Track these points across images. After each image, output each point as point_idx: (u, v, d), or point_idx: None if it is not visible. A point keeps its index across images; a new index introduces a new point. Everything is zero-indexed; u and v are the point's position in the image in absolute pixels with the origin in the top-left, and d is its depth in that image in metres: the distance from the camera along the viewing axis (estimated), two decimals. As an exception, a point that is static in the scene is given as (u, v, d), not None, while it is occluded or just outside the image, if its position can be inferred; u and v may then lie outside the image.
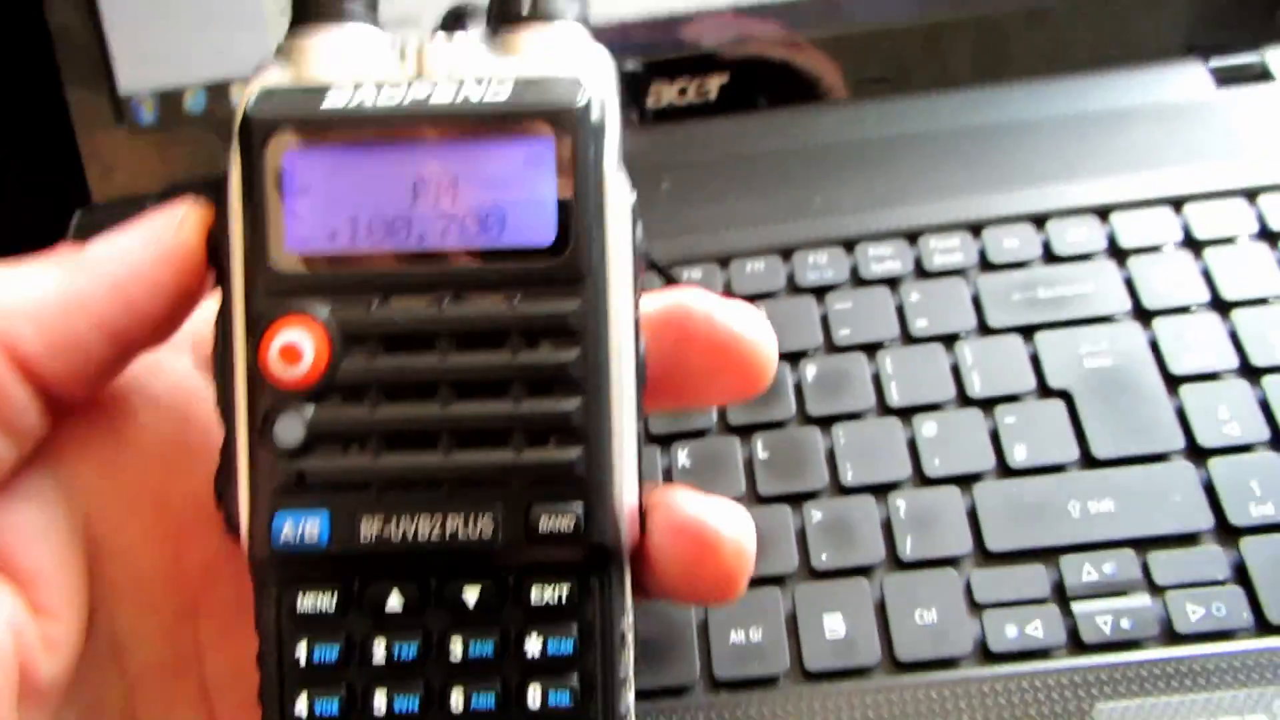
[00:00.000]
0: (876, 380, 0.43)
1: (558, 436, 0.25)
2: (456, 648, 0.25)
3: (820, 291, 0.45)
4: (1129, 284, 0.43)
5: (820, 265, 0.46)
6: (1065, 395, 0.41)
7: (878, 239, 0.46)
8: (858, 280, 0.46)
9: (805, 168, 0.50)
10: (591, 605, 0.25)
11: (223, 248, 0.25)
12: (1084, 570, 0.38)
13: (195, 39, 0.53)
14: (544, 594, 0.25)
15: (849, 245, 0.47)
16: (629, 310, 0.25)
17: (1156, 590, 0.37)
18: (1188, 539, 0.38)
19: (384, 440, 0.25)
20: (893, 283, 0.45)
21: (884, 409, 0.42)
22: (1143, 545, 0.38)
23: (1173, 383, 0.41)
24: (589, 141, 0.25)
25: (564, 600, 0.25)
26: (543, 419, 0.25)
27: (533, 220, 0.25)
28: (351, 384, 0.25)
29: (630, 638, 0.26)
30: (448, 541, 0.25)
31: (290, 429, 0.24)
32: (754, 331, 0.28)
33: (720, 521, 0.27)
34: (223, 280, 0.25)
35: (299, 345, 0.24)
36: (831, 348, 0.44)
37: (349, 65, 0.25)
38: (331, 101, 0.25)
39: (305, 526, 0.25)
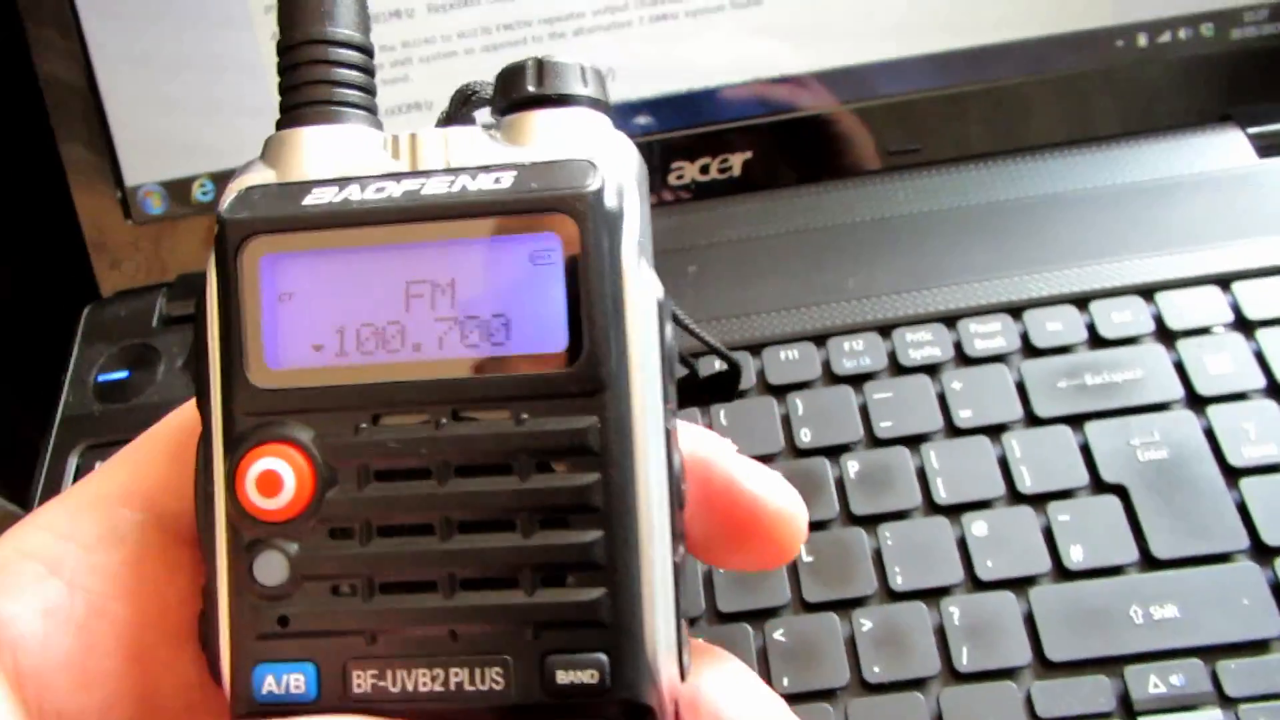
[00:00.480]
0: (922, 475, 0.41)
1: (577, 574, 0.22)
2: None
3: (858, 380, 0.44)
4: (1179, 368, 0.42)
5: (857, 352, 0.45)
6: (1120, 490, 0.40)
7: (915, 323, 0.45)
8: (897, 368, 0.44)
9: (836, 247, 0.49)
10: None
11: (202, 363, 0.23)
12: (1150, 682, 0.36)
13: (202, 129, 0.51)
14: None
15: (885, 330, 0.45)
16: (658, 423, 0.22)
17: (1228, 702, 0.35)
18: (1258, 646, 0.36)
19: (376, 581, 0.22)
20: (933, 370, 0.44)
21: (931, 507, 0.40)
22: (1211, 653, 0.36)
23: (1232, 475, 0.39)
24: (603, 231, 0.22)
25: None
26: (559, 553, 0.21)
27: (541, 324, 0.22)
28: (339, 518, 0.22)
29: None
30: (453, 694, 0.22)
31: (271, 568, 0.22)
32: (781, 500, 0.24)
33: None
34: (202, 400, 0.23)
35: (279, 474, 0.22)
36: (873, 441, 0.42)
37: (337, 162, 0.23)
38: (315, 198, 0.22)
39: (290, 680, 0.22)
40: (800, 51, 0.50)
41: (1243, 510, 0.39)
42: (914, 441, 0.42)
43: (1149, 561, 0.38)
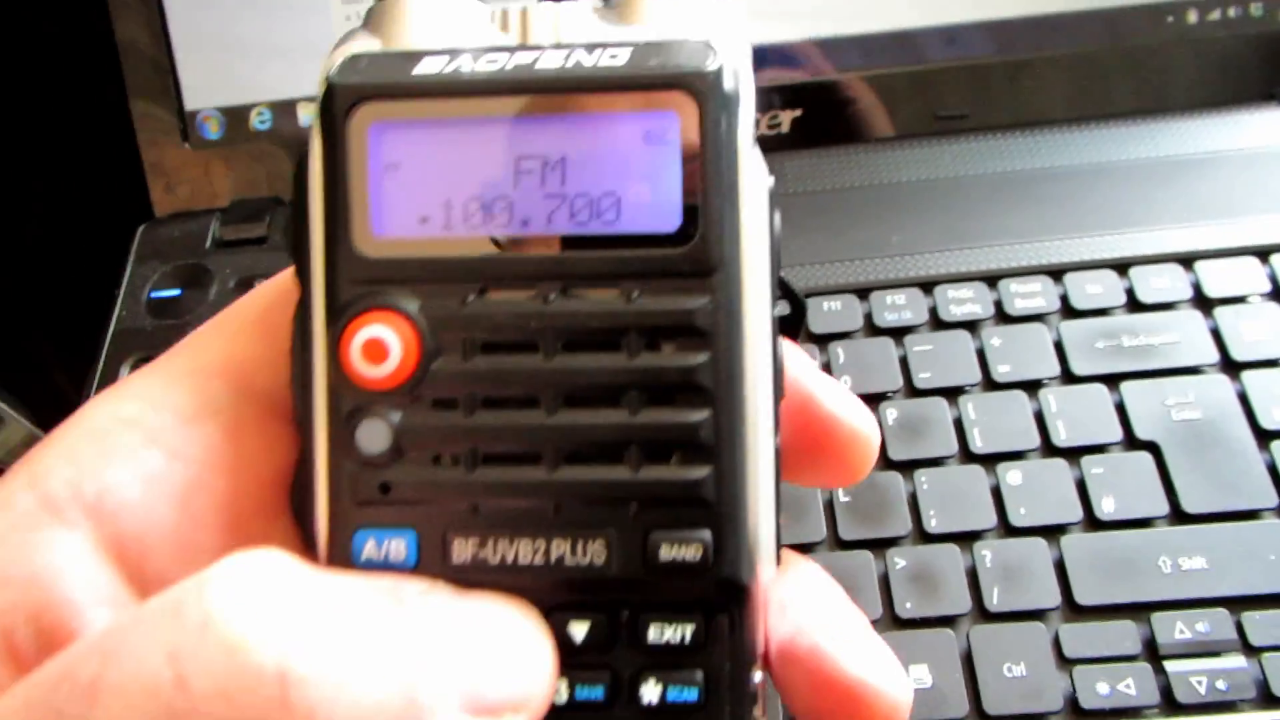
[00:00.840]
0: (959, 425, 0.42)
1: (682, 452, 0.21)
2: (561, 691, 0.22)
3: (899, 333, 0.45)
4: (1215, 334, 0.43)
5: (899, 305, 0.46)
6: (1153, 447, 0.41)
7: (957, 281, 0.46)
8: (937, 323, 0.45)
9: (881, 205, 0.50)
10: (720, 650, 0.22)
11: (302, 232, 0.23)
12: (1176, 628, 0.37)
13: (263, 57, 0.52)
14: (664, 634, 0.22)
15: (927, 287, 0.46)
16: (766, 308, 0.22)
17: (1252, 651, 0.36)
18: (1283, 599, 0.37)
19: (480, 452, 0.22)
20: (972, 326, 0.45)
21: (967, 455, 0.41)
22: (1236, 604, 0.37)
23: (1263, 437, 0.40)
24: (721, 112, 0.21)
25: (687, 642, 0.22)
26: (665, 431, 0.21)
27: (654, 203, 0.22)
28: (443, 388, 0.22)
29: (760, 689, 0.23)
30: (552, 568, 0.22)
31: (374, 435, 0.22)
32: (857, 420, 0.25)
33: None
34: (302, 270, 0.23)
35: (385, 341, 0.22)
36: (912, 391, 0.43)
37: (444, 32, 0.23)
38: (425, 68, 0.22)
39: (390, 546, 0.22)
40: (856, 14, 0.51)
41: (1272, 471, 0.40)
42: (952, 393, 0.43)
43: (1179, 515, 0.39)
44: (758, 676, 0.23)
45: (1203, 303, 0.44)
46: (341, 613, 0.20)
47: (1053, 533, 0.39)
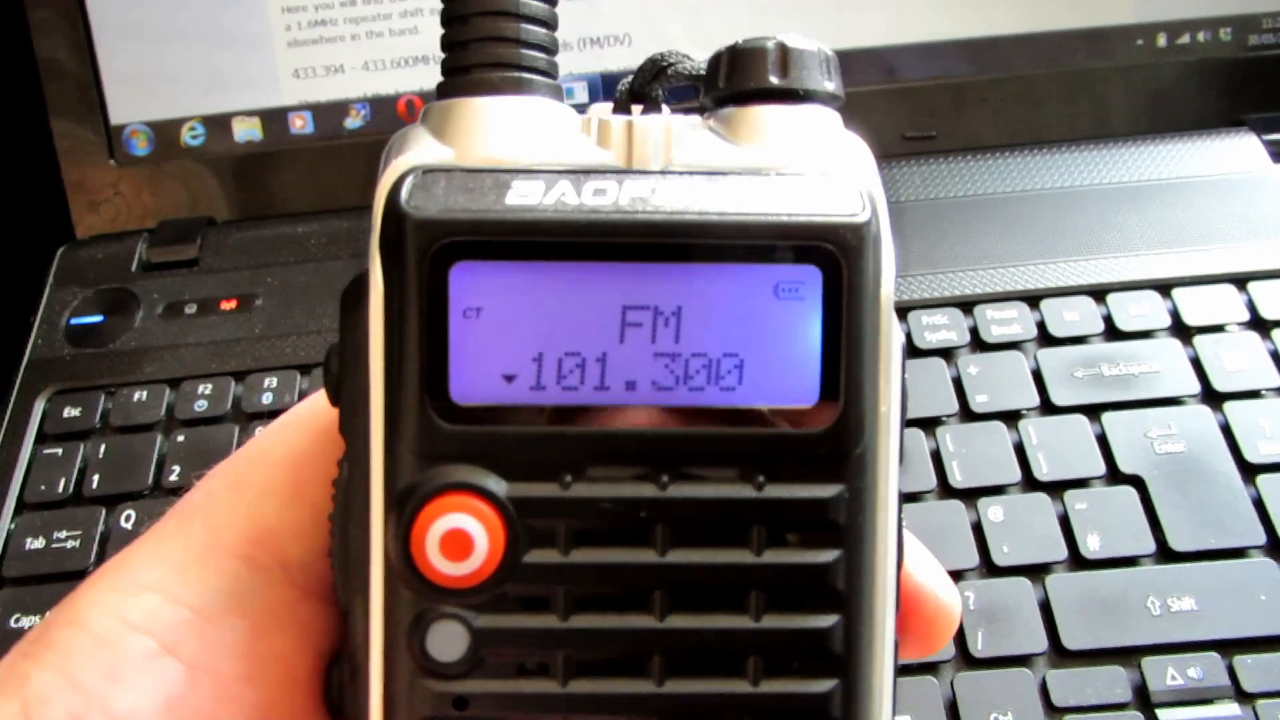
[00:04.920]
0: (937, 458, 0.40)
1: (808, 663, 0.19)
2: None
3: (871, 361, 0.43)
4: (1196, 364, 0.42)
5: (870, 333, 0.44)
6: (1137, 481, 0.39)
7: (930, 306, 0.44)
8: (911, 350, 0.43)
9: (849, 228, 0.48)
10: None
11: (354, 390, 0.19)
12: (1168, 674, 0.35)
13: (195, 67, 0.49)
14: None
15: (900, 313, 0.44)
16: (896, 498, 0.19)
17: (1246, 698, 0.35)
18: (1275, 641, 0.36)
19: (576, 660, 0.19)
20: (948, 353, 0.43)
21: (946, 490, 0.40)
22: (1228, 648, 0.36)
23: (1248, 471, 0.39)
24: (869, 269, 0.18)
25: None
26: (791, 639, 0.19)
27: (787, 372, 0.18)
28: (535, 586, 0.18)
29: None
30: None
31: (449, 640, 0.18)
32: (946, 595, 0.22)
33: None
34: (351, 430, 0.19)
35: (470, 534, 0.18)
36: (886, 422, 0.41)
37: (530, 143, 0.19)
38: (520, 198, 0.18)
39: None
40: (822, 31, 0.49)
41: (1259, 506, 0.38)
42: (929, 424, 0.41)
43: (1166, 554, 0.38)
44: None
45: (1181, 331, 0.43)
46: None
47: (1037, 572, 0.38)
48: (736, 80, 0.20)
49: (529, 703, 0.19)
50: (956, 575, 0.37)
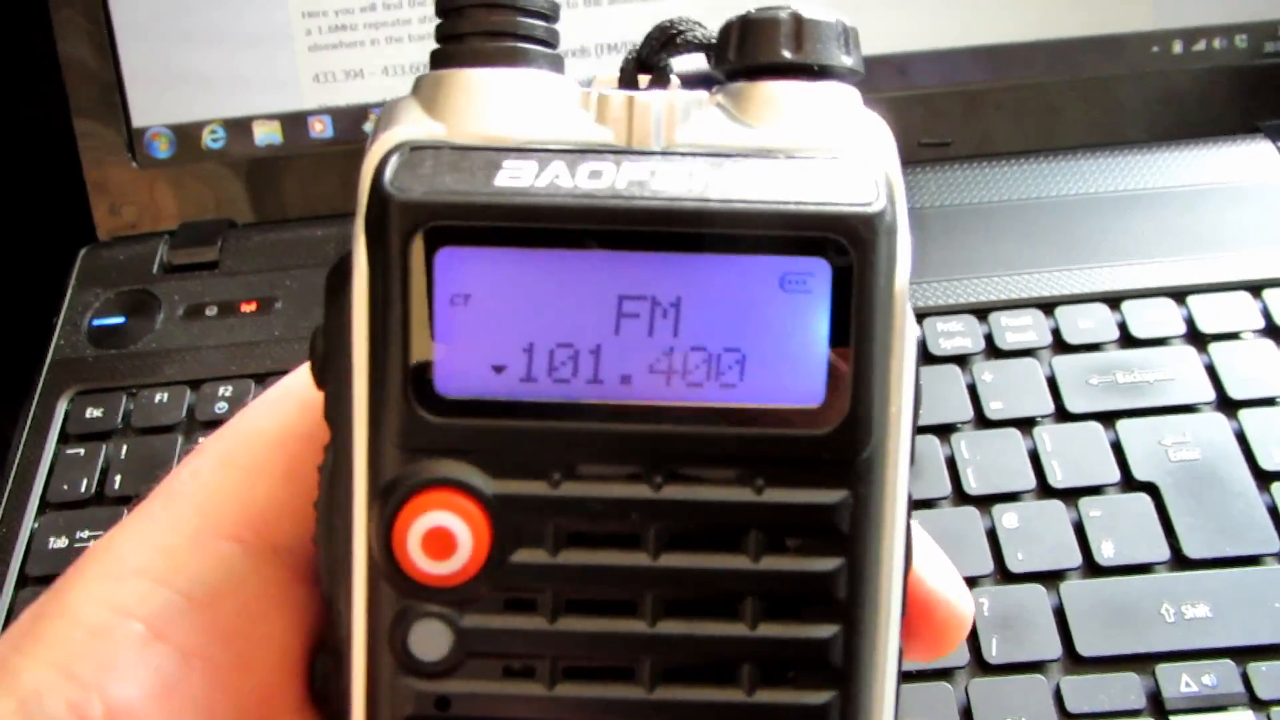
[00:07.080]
0: (951, 464, 0.40)
1: (805, 674, 0.18)
2: None
3: (886, 367, 0.43)
4: (1211, 371, 0.42)
5: (886, 339, 0.44)
6: (1151, 488, 0.39)
7: (945, 313, 0.44)
8: (926, 357, 0.43)
9: (864, 234, 0.48)
10: None
11: (337, 376, 0.18)
12: (1182, 681, 0.35)
13: (217, 71, 0.50)
14: None
15: (915, 319, 0.44)
16: (905, 504, 0.18)
17: (1260, 705, 0.35)
18: (1290, 649, 0.36)
19: (563, 665, 0.18)
20: (962, 360, 0.43)
21: (961, 497, 0.40)
22: (1242, 655, 0.36)
23: (1263, 479, 0.39)
24: (882, 262, 0.17)
25: None
26: (787, 649, 0.18)
27: (791, 370, 0.17)
28: (521, 587, 0.18)
29: None
30: None
31: (431, 639, 0.18)
32: (958, 600, 0.22)
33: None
34: (335, 417, 0.18)
35: (452, 533, 0.17)
36: (901, 428, 0.42)
37: (525, 117, 0.18)
38: (511, 179, 0.17)
39: None
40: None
41: (1274, 514, 0.38)
42: (943, 431, 0.41)
43: (1180, 561, 0.38)
44: None
45: (1196, 338, 0.43)
46: None
47: (1051, 579, 0.38)
48: (747, 53, 0.19)
49: (513, 706, 0.18)
50: (971, 582, 0.38)
